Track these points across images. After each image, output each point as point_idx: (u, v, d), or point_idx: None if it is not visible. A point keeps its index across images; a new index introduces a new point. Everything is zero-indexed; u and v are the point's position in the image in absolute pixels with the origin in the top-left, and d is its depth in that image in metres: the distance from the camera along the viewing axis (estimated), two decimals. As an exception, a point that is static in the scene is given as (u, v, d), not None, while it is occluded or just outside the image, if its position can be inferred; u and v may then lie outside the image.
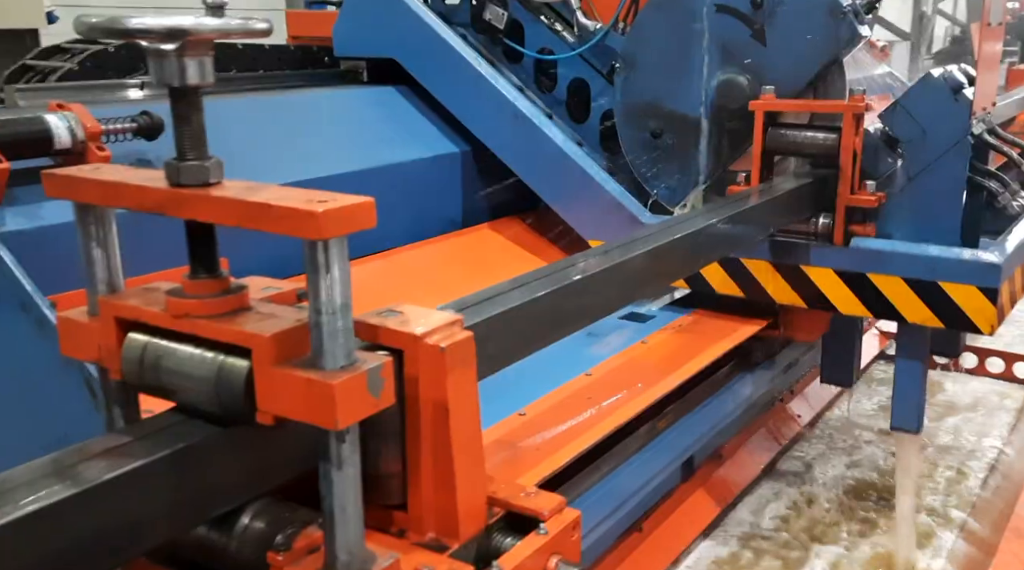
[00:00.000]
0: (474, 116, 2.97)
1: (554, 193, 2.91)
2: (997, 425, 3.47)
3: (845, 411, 3.52)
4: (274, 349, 0.88)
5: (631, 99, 2.77)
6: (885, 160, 2.39)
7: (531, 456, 1.83)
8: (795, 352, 2.97)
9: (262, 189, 0.89)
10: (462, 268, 2.72)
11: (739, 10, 2.54)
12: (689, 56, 2.65)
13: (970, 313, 2.29)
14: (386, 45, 3.06)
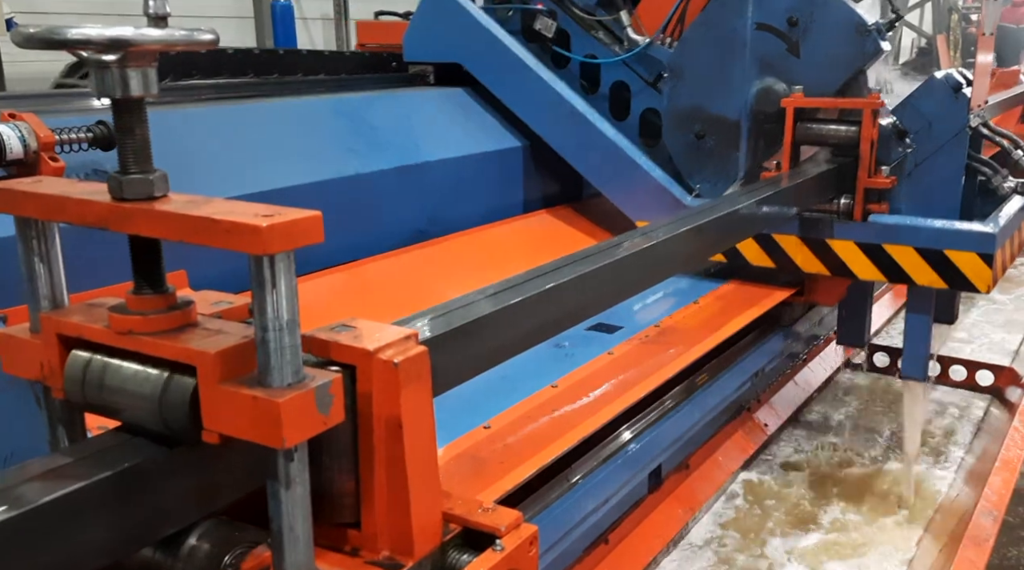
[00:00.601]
0: (534, 114, 3.33)
1: (605, 180, 3.28)
2: (960, 432, 3.52)
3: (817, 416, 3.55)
4: (219, 366, 0.86)
5: (678, 105, 3.13)
6: (896, 148, 2.81)
7: (495, 469, 1.81)
8: (761, 359, 2.98)
9: (207, 203, 0.87)
10: (527, 246, 3.10)
11: (777, 27, 2.91)
12: (731, 67, 3.00)
13: (970, 275, 2.67)
14: (452, 51, 3.41)
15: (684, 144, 3.14)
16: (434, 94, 3.35)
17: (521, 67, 3.30)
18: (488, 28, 3.34)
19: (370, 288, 2.52)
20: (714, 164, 3.09)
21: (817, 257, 2.88)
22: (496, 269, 1.56)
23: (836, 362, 3.92)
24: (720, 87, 3.03)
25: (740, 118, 3.02)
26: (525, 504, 1.86)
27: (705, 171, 3.11)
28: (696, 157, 3.12)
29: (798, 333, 3.38)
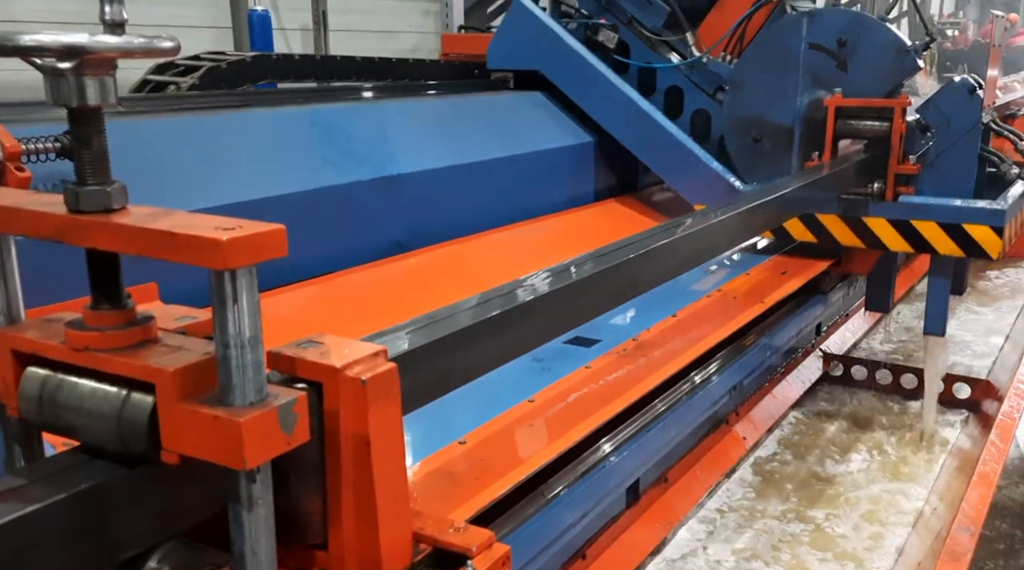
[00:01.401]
0: (604, 113, 3.78)
1: (667, 170, 3.76)
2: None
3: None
4: (179, 384, 0.83)
5: (738, 113, 3.62)
6: (920, 141, 3.29)
7: (471, 486, 1.79)
8: (737, 376, 2.97)
9: (167, 216, 0.84)
10: (603, 229, 3.41)
11: (828, 47, 3.39)
12: (786, 80, 3.47)
13: (984, 245, 3.20)
14: (532, 59, 3.87)
15: (742, 147, 3.63)
16: (515, 97, 3.84)
17: (594, 73, 3.76)
18: (564, 39, 3.81)
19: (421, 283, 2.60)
20: (769, 164, 3.55)
21: (854, 232, 3.38)
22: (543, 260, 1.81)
23: (814, 375, 3.93)
24: (776, 98, 3.50)
25: (793, 125, 3.50)
26: (501, 520, 1.83)
27: (760, 170, 3.57)
28: (753, 158, 3.60)
29: (832, 301, 3.89)
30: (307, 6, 8.61)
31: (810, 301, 3.66)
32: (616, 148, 3.82)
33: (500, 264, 2.92)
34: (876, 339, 4.70)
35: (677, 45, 3.90)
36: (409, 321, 1.31)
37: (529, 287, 1.65)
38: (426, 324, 1.33)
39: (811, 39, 3.42)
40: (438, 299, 1.61)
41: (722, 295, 3.15)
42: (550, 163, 3.56)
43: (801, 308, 3.56)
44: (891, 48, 3.32)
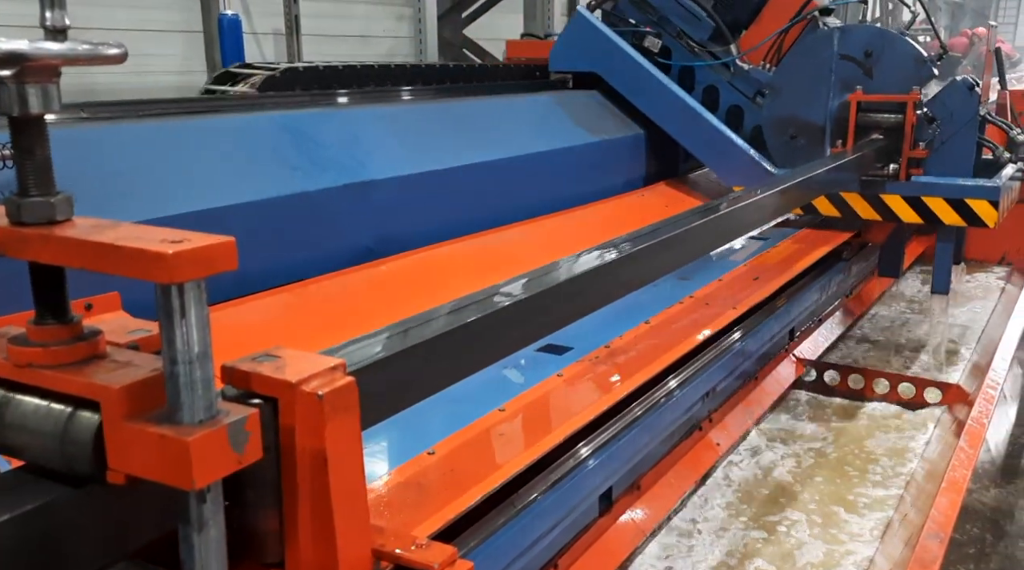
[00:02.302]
0: (655, 108, 4.31)
1: (710, 156, 4.31)
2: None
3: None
4: (125, 402, 0.80)
5: (776, 114, 4.21)
6: (928, 130, 3.90)
7: (440, 497, 1.77)
8: (714, 378, 2.97)
9: (113, 228, 0.82)
10: (650, 206, 4.00)
11: (856, 58, 3.99)
12: (819, 86, 4.05)
13: (982, 215, 3.81)
14: (590, 62, 4.41)
15: (781, 143, 4.19)
16: (576, 95, 4.38)
17: (646, 74, 4.31)
18: (620, 45, 4.36)
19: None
20: (804, 158, 4.03)
21: (873, 207, 3.99)
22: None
23: (787, 380, 3.94)
24: (810, 101, 4.08)
25: (825, 124, 4.06)
26: (470, 532, 1.81)
27: (797, 163, 3.99)
28: (790, 153, 4.15)
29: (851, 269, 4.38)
30: (279, 10, 8.56)
31: (834, 267, 4.20)
32: (660, 139, 4.37)
33: (536, 251, 2.89)
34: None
35: (721, 55, 4.47)
36: (373, 332, 1.29)
37: (505, 294, 1.64)
38: (390, 335, 1.31)
39: (842, 51, 3.99)
40: (415, 306, 1.61)
41: (748, 269, 3.68)
42: (611, 152, 4.15)
43: (825, 273, 4.07)
44: (910, 58, 3.92)
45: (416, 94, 3.87)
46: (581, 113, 4.14)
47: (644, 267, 2.03)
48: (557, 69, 4.58)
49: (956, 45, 19.54)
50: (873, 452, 3.41)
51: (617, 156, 4.17)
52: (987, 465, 3.72)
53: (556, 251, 2.37)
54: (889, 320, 4.99)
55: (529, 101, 4.08)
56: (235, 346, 1.87)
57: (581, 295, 1.84)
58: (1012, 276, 5.94)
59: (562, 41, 4.53)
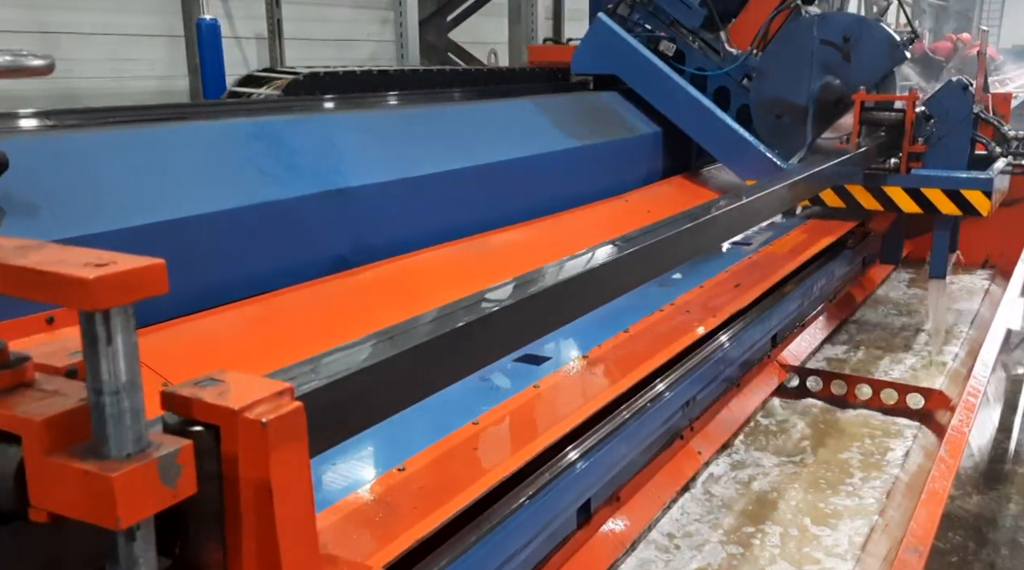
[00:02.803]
0: (672, 108, 4.60)
1: (723, 152, 4.58)
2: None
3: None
4: (47, 436, 0.76)
5: (763, 96, 4.55)
6: (926, 127, 4.25)
7: (408, 515, 1.72)
8: (692, 389, 2.94)
9: (37, 250, 0.77)
10: (675, 198, 4.28)
11: (835, 42, 4.32)
12: (802, 69, 4.38)
13: (976, 205, 4.16)
14: (611, 65, 4.73)
15: (767, 123, 4.54)
16: (599, 96, 4.74)
17: (663, 76, 4.61)
18: (639, 50, 4.66)
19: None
20: (789, 136, 4.47)
21: (875, 198, 4.30)
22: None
23: (770, 386, 3.91)
24: (794, 83, 4.41)
25: (807, 104, 4.40)
26: (440, 551, 1.76)
27: (783, 141, 4.47)
28: (776, 132, 4.51)
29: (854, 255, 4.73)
30: (261, 14, 8.49)
31: (840, 254, 4.55)
32: (674, 136, 4.65)
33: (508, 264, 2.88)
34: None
35: (712, 42, 4.72)
36: (326, 352, 1.24)
37: (477, 306, 1.60)
38: (346, 353, 1.26)
39: (822, 36, 4.31)
40: (389, 316, 1.57)
41: (729, 275, 3.76)
42: (633, 148, 4.49)
43: (833, 260, 4.42)
44: (885, 43, 4.27)
45: (406, 100, 3.83)
46: (598, 114, 4.45)
47: (654, 259, 2.14)
48: (579, 71, 4.93)
49: (940, 49, 19.65)
50: (852, 462, 3.38)
51: (637, 152, 4.51)
52: (970, 471, 3.70)
53: (540, 257, 2.36)
54: (873, 324, 4.98)
55: (549, 102, 4.25)
56: (194, 362, 1.82)
57: (569, 301, 1.81)
58: (995, 278, 5.95)
59: (584, 46, 4.84)
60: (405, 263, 2.88)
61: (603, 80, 4.82)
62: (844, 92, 4.37)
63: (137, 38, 7.79)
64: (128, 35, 7.69)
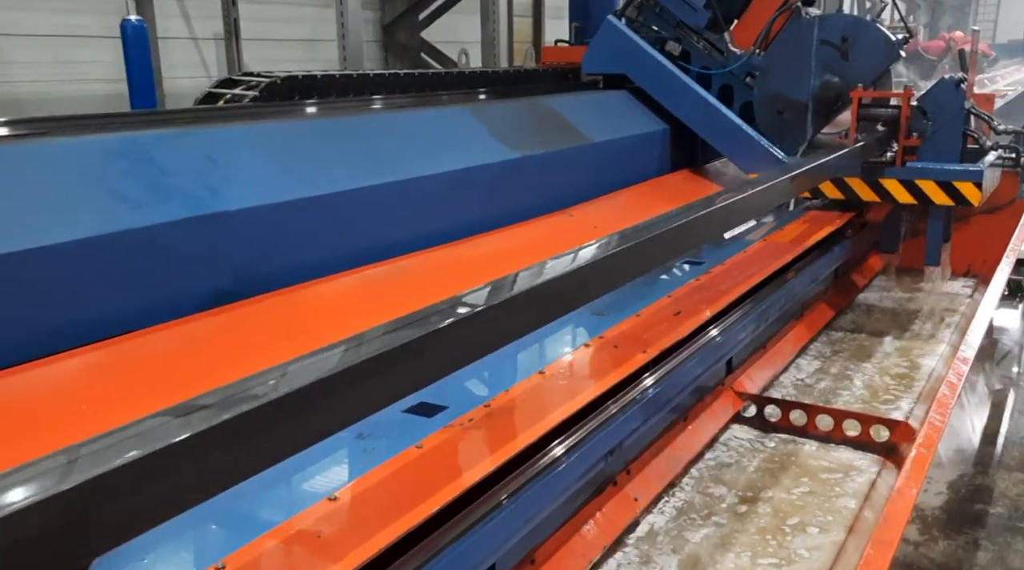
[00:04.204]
0: (679, 106, 4.70)
1: (728, 147, 4.67)
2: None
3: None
4: None
5: (765, 92, 4.69)
6: (920, 121, 4.45)
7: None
8: (616, 437, 2.63)
9: None
10: (668, 196, 4.17)
11: (834, 42, 4.47)
12: (802, 67, 4.54)
13: (967, 196, 4.37)
14: (620, 65, 4.85)
15: (769, 119, 4.67)
16: (608, 95, 4.86)
17: (671, 75, 4.71)
18: (647, 50, 4.77)
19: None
20: (789, 131, 4.59)
21: (872, 190, 4.52)
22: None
23: (724, 417, 3.61)
24: (795, 81, 4.57)
25: (807, 101, 4.55)
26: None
27: (784, 136, 4.58)
28: (777, 127, 4.63)
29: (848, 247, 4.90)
30: (219, 14, 8.20)
31: (839, 243, 4.73)
32: (680, 133, 4.74)
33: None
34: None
35: (716, 42, 4.80)
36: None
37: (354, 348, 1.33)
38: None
39: (821, 36, 4.48)
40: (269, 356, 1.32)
41: (671, 301, 3.63)
42: (643, 144, 4.58)
43: (831, 249, 4.60)
44: (881, 42, 4.43)
45: (325, 108, 3.54)
46: (602, 111, 4.53)
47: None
48: (590, 71, 5.09)
49: (933, 48, 19.47)
50: (809, 507, 3.08)
51: (646, 149, 4.61)
52: (936, 511, 3.41)
53: (459, 280, 2.09)
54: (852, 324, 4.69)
55: (492, 110, 4.11)
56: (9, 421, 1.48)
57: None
58: (978, 288, 5.68)
59: (594, 48, 4.95)
60: (301, 294, 2.58)
61: (612, 79, 4.97)
62: (843, 89, 4.51)
63: (84, 39, 7.49)
64: (74, 36, 7.38)
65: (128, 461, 0.98)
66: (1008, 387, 4.97)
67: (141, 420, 1.08)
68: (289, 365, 1.29)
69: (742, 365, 3.85)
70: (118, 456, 0.98)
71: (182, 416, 1.12)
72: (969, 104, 4.55)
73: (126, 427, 1.06)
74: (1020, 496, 3.50)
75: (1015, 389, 4.97)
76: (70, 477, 0.93)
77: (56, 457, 0.97)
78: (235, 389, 1.19)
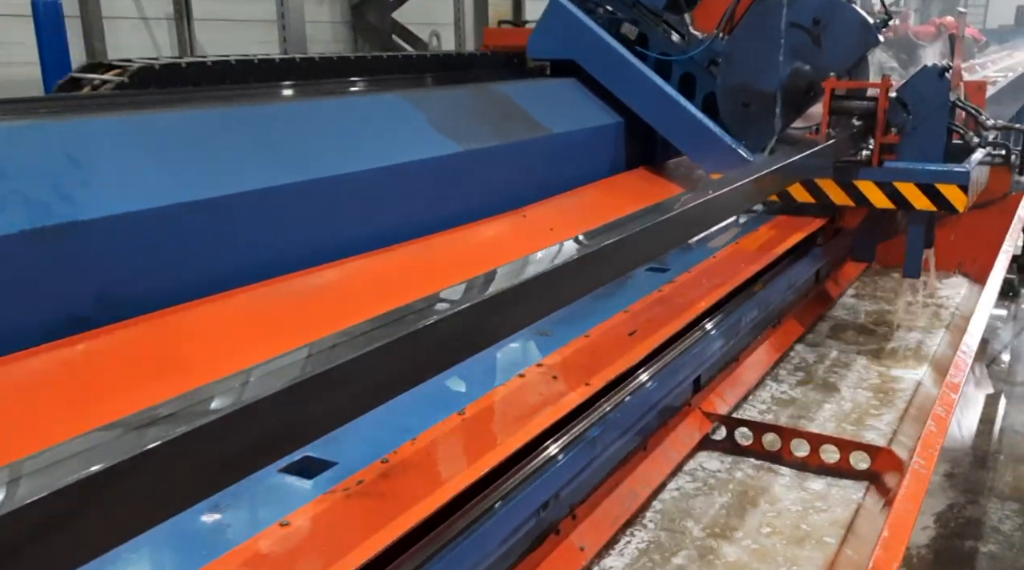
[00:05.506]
0: (633, 97, 4.24)
1: (688, 144, 4.25)
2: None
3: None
4: None
5: (729, 82, 4.18)
6: (900, 115, 3.91)
7: None
8: (551, 487, 2.24)
9: None
10: (626, 197, 3.84)
11: (804, 25, 3.96)
12: (770, 54, 4.03)
13: (952, 200, 3.85)
14: (568, 50, 4.34)
15: (734, 112, 4.18)
16: (555, 83, 4.36)
17: (624, 62, 4.24)
18: (598, 33, 4.28)
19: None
20: (756, 126, 4.12)
21: (846, 193, 4.00)
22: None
23: (690, 442, 3.24)
24: (762, 69, 4.07)
25: (776, 91, 4.05)
26: None
27: (750, 131, 4.14)
28: (743, 121, 4.16)
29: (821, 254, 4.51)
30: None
31: (809, 252, 4.33)
32: (636, 126, 4.29)
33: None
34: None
35: (677, 26, 4.39)
36: None
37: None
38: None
39: (791, 18, 3.98)
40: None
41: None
42: (593, 140, 4.13)
43: (803, 257, 4.21)
44: (856, 25, 3.93)
45: (233, 95, 3.12)
46: (552, 101, 4.06)
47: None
48: (535, 57, 4.56)
49: (923, 33, 19.16)
50: (773, 548, 2.71)
51: (594, 146, 4.15)
52: (923, 550, 3.05)
53: (374, 300, 1.70)
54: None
55: (432, 97, 3.61)
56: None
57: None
58: (969, 289, 5.33)
59: (539, 29, 4.47)
60: (177, 319, 2.17)
61: (562, 66, 4.40)
62: (814, 79, 4.03)
63: (23, 19, 6.99)
64: (13, 16, 6.89)
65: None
66: (1000, 392, 4.63)
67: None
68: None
69: (711, 383, 3.48)
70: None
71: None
72: (955, 95, 4.06)
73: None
74: (1015, 531, 3.14)
75: (1007, 397, 4.64)
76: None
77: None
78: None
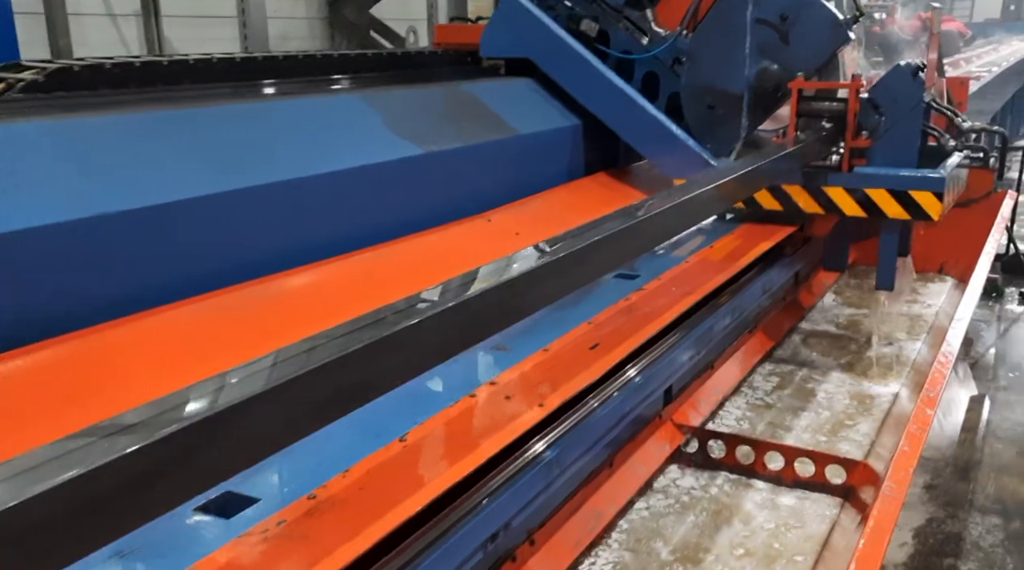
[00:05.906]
0: (591, 98, 4.01)
1: (649, 148, 4.04)
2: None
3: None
4: None
5: (693, 82, 3.98)
6: (872, 117, 3.73)
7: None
8: (500, 517, 2.10)
9: None
10: (590, 202, 3.68)
11: (772, 22, 3.74)
12: (736, 52, 3.81)
13: (926, 208, 3.65)
14: (523, 48, 4.11)
15: (698, 113, 3.99)
16: (509, 84, 4.11)
17: (581, 60, 4.02)
18: (553, 30, 4.06)
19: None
20: (722, 129, 3.94)
21: (815, 200, 3.81)
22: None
23: (659, 459, 3.11)
24: (727, 68, 3.85)
25: (743, 92, 3.85)
26: None
27: (715, 134, 3.95)
28: (708, 124, 3.97)
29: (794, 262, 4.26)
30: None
31: (780, 260, 4.08)
32: (597, 129, 4.07)
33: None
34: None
35: (638, 22, 4.17)
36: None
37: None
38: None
39: (757, 15, 3.76)
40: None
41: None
42: (547, 143, 3.89)
43: (771, 267, 3.96)
44: (826, 22, 3.71)
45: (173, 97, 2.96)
46: (506, 102, 3.80)
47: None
48: (489, 55, 4.30)
49: (907, 28, 19.07)
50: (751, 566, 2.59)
51: (551, 148, 3.92)
52: (900, 569, 2.94)
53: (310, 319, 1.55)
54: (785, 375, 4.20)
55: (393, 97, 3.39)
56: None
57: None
58: (950, 292, 5.24)
59: (493, 26, 4.20)
60: (99, 339, 2.02)
61: (519, 65, 4.17)
62: (782, 78, 3.85)
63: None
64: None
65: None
66: (984, 395, 4.53)
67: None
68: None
69: (682, 394, 3.35)
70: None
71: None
72: (931, 95, 3.87)
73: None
74: (994, 548, 3.03)
75: (991, 401, 4.53)
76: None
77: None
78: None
